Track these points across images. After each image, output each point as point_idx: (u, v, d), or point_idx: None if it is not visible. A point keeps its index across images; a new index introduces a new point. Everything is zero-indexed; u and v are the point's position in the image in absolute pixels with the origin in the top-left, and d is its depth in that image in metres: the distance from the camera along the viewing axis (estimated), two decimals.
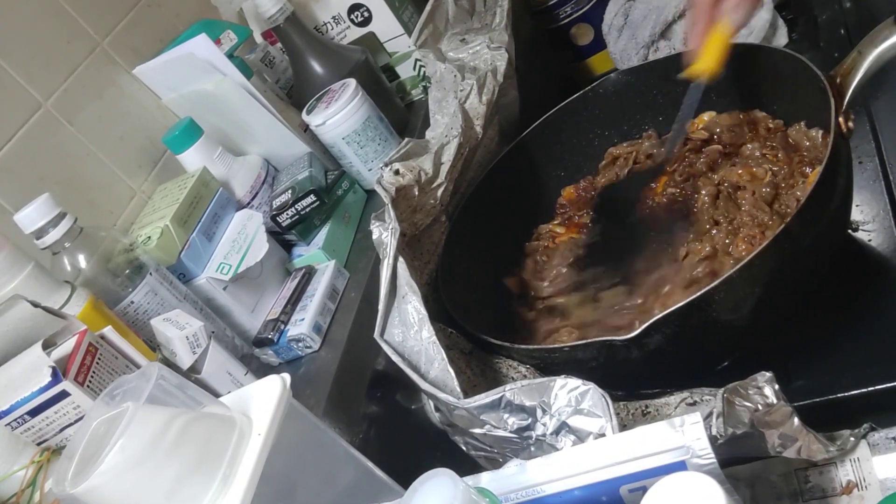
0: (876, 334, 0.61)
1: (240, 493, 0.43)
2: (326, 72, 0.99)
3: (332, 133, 0.92)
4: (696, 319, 0.56)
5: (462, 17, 0.94)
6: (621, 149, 0.85)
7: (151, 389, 0.43)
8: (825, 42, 0.83)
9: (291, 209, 0.86)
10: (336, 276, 0.85)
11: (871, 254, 0.66)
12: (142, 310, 0.72)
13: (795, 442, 0.49)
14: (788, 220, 0.55)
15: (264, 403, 0.47)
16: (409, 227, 0.75)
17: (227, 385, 0.67)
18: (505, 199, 0.84)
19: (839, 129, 0.58)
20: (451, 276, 0.76)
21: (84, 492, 0.40)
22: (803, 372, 0.60)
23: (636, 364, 0.59)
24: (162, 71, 0.94)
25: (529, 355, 0.68)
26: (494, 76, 0.84)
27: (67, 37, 0.90)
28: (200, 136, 0.90)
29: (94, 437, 0.43)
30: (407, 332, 0.64)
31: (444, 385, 0.60)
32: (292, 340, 0.78)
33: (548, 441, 0.54)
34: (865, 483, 0.51)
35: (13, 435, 0.57)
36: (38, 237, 0.69)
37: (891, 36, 0.58)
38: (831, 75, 0.61)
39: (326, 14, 1.05)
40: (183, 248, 0.80)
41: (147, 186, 0.93)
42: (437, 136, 0.79)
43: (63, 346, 0.59)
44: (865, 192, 0.69)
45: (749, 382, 0.48)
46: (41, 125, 0.84)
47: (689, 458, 0.43)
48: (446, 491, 0.38)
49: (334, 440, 0.54)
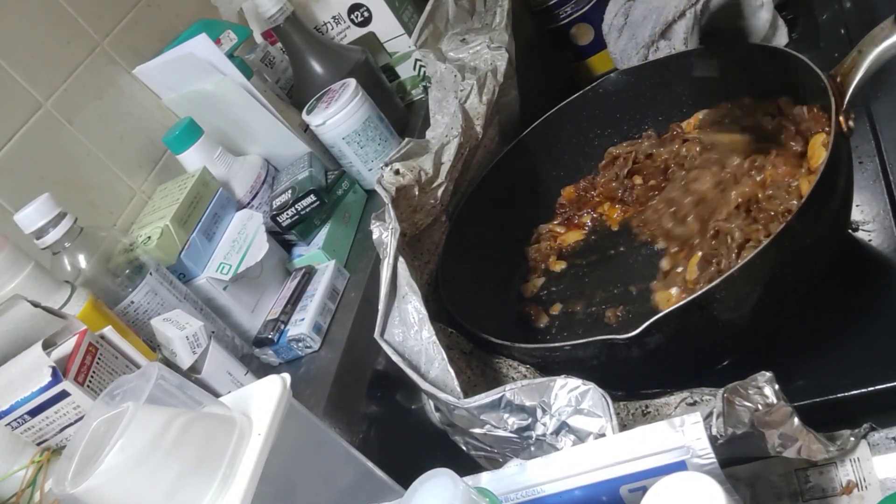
0: (876, 334, 0.60)
1: (240, 493, 0.43)
2: (326, 72, 0.99)
3: (332, 133, 0.92)
4: (696, 318, 0.56)
5: (462, 17, 0.94)
6: (621, 148, 0.85)
7: (151, 389, 0.43)
8: (825, 42, 0.83)
9: (291, 209, 0.86)
10: (336, 276, 0.85)
11: (871, 254, 0.66)
12: (142, 310, 0.72)
13: (795, 442, 0.49)
14: (789, 220, 0.55)
15: (264, 403, 0.47)
16: (409, 227, 0.74)
17: (227, 385, 0.67)
18: (505, 199, 0.84)
19: (839, 129, 0.58)
20: (451, 276, 0.76)
21: (84, 492, 0.40)
22: (803, 372, 0.60)
23: (636, 363, 0.59)
24: (162, 71, 0.94)
25: (529, 355, 0.68)
26: (495, 76, 0.84)
27: (67, 37, 0.90)
28: (200, 136, 0.90)
29: (94, 437, 0.43)
30: (407, 332, 0.64)
31: (444, 385, 0.60)
32: (292, 340, 0.78)
33: (548, 441, 0.54)
34: (865, 483, 0.51)
35: (13, 435, 0.57)
36: (38, 237, 0.69)
37: (891, 35, 0.57)
38: (832, 75, 0.61)
39: (326, 14, 1.05)
40: (183, 248, 0.80)
41: (147, 186, 0.93)
42: (437, 136, 0.79)
43: (63, 346, 0.59)
44: (865, 192, 0.69)
45: (749, 382, 0.47)
46: (41, 125, 0.84)
47: (690, 458, 0.43)
48: (446, 491, 0.38)
49: (334, 440, 0.54)
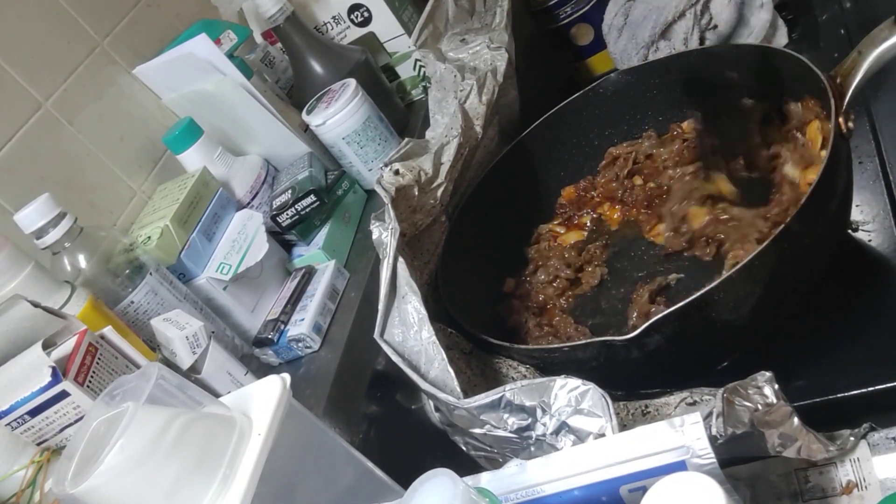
0: (876, 334, 0.60)
1: (240, 493, 0.43)
2: (326, 72, 0.99)
3: (332, 133, 0.92)
4: (695, 319, 0.56)
5: (462, 17, 0.94)
6: (621, 148, 0.85)
7: (151, 389, 0.43)
8: (825, 42, 0.83)
9: (291, 209, 0.86)
10: (336, 276, 0.85)
11: (871, 254, 0.66)
12: (142, 310, 0.72)
13: (795, 442, 0.49)
14: (788, 221, 0.55)
15: (264, 403, 0.47)
16: (409, 227, 0.74)
17: (227, 385, 0.67)
18: (505, 199, 0.84)
19: (839, 130, 0.58)
20: (451, 276, 0.76)
21: (84, 492, 0.40)
22: (803, 372, 0.60)
23: (636, 364, 0.59)
24: (162, 71, 0.94)
25: (529, 355, 0.68)
26: (494, 76, 0.84)
27: (67, 37, 0.90)
28: (200, 136, 0.90)
29: (94, 437, 0.43)
30: (407, 332, 0.64)
31: (444, 385, 0.60)
32: (292, 340, 0.78)
33: (548, 441, 0.54)
34: (865, 483, 0.51)
35: (13, 435, 0.57)
36: (38, 237, 0.69)
37: (891, 36, 0.57)
38: (832, 75, 0.61)
39: (326, 14, 1.05)
40: (183, 248, 0.80)
41: (147, 186, 0.93)
42: (437, 136, 0.79)
43: (63, 346, 0.59)
44: (865, 192, 0.69)
45: (749, 382, 0.47)
46: (41, 125, 0.84)
47: (689, 457, 0.43)
48: (446, 491, 0.38)
49: (334, 440, 0.54)
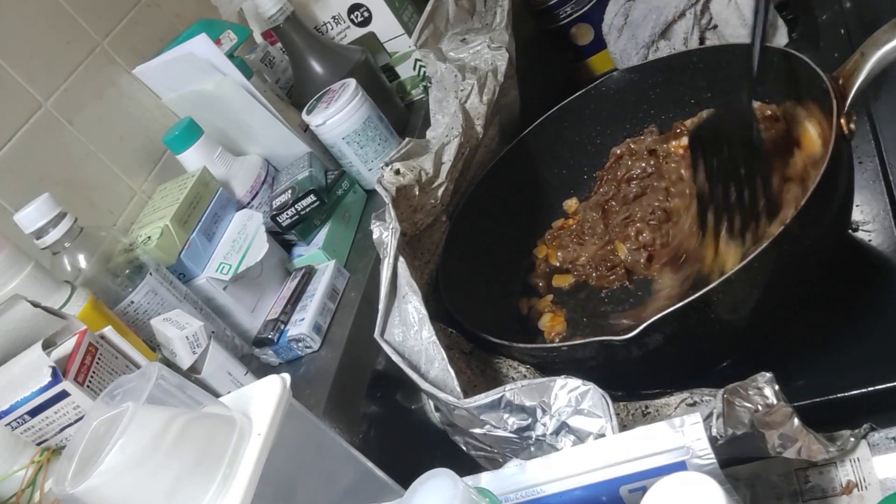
0: (876, 334, 0.60)
1: (240, 493, 0.43)
2: (326, 72, 0.99)
3: (332, 133, 0.92)
4: (695, 320, 0.56)
5: (462, 17, 0.94)
6: (624, 146, 0.84)
7: (151, 389, 0.43)
8: (825, 42, 0.83)
9: (291, 209, 0.86)
10: (336, 276, 0.85)
11: (871, 254, 0.66)
12: (142, 310, 0.72)
13: (795, 442, 0.49)
14: (788, 223, 0.55)
15: (264, 403, 0.47)
16: (409, 227, 0.74)
17: (227, 385, 0.67)
18: (505, 199, 0.84)
19: (840, 131, 0.58)
20: (451, 275, 0.76)
21: (84, 492, 0.40)
22: (803, 372, 0.60)
23: (636, 364, 0.59)
24: (162, 71, 0.94)
25: (529, 355, 0.68)
26: (495, 76, 0.84)
27: (67, 37, 0.90)
28: (200, 136, 0.90)
29: (94, 437, 0.43)
30: (407, 331, 0.64)
31: (444, 385, 0.60)
32: (292, 340, 0.78)
33: (548, 441, 0.54)
34: (865, 483, 0.51)
35: (13, 435, 0.57)
36: (38, 237, 0.69)
37: (893, 38, 0.57)
38: (833, 76, 0.61)
39: (326, 14, 1.05)
40: (183, 248, 0.80)
41: (147, 186, 0.93)
42: (437, 136, 0.79)
43: (63, 346, 0.59)
44: (865, 192, 0.69)
45: (749, 383, 0.47)
46: (41, 125, 0.84)
47: (689, 458, 0.43)
48: (446, 491, 0.38)
49: (334, 440, 0.54)
